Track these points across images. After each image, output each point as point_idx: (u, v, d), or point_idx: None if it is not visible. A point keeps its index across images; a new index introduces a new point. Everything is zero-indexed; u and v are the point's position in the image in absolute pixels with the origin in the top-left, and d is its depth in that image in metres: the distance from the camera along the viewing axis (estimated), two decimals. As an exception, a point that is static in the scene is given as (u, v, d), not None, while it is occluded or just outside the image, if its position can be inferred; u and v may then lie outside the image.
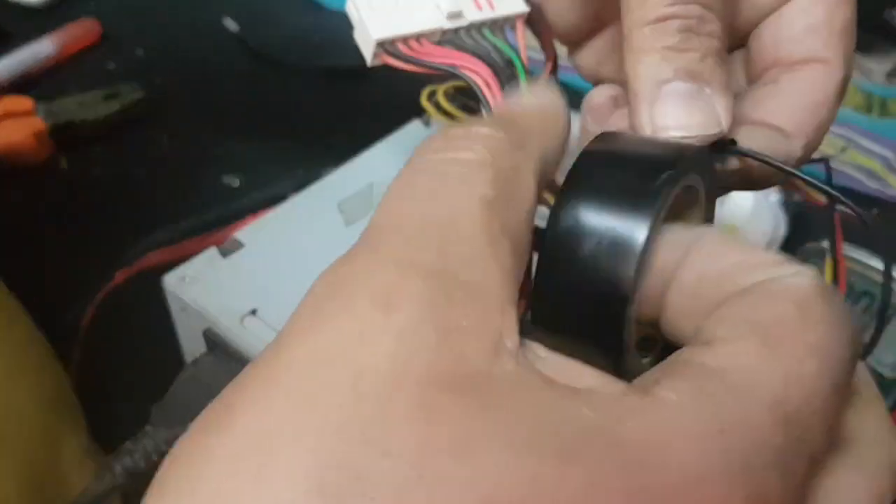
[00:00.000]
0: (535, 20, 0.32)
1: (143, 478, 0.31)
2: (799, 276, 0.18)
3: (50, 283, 0.48)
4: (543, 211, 0.30)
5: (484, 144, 0.19)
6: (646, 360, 0.21)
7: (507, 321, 0.17)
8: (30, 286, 0.41)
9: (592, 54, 0.32)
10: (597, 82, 0.32)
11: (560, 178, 0.22)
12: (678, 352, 0.18)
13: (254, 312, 0.32)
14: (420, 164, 0.20)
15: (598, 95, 0.30)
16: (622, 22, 0.25)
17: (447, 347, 0.16)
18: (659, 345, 0.21)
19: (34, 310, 0.41)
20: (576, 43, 0.32)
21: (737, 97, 0.25)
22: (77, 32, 0.68)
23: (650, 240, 0.19)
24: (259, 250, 0.34)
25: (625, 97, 0.27)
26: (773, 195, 0.51)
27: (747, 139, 0.25)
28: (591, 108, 0.30)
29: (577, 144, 0.24)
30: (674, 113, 0.23)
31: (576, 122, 0.56)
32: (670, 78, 0.23)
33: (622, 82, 0.26)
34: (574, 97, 0.69)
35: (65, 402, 0.39)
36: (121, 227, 0.53)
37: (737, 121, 0.24)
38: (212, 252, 0.34)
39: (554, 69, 0.33)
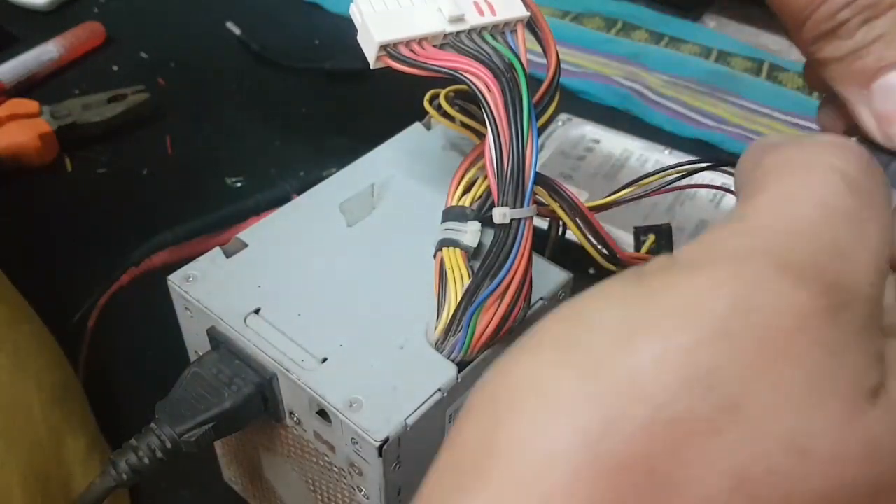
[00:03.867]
0: (536, 24, 0.32)
1: (147, 475, 0.32)
2: None
3: (56, 283, 0.49)
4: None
5: None
6: None
7: None
8: (36, 286, 0.42)
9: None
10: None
11: None
12: None
13: (257, 312, 0.32)
14: None
15: None
16: None
17: None
18: None
19: (40, 310, 0.41)
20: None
21: None
22: (82, 35, 0.68)
23: None
24: (262, 250, 0.34)
25: None
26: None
27: None
28: None
29: None
30: None
31: (580, 126, 0.56)
32: (875, 74, 0.22)
33: None
34: (575, 100, 0.69)
35: (72, 399, 0.39)
36: (125, 228, 0.53)
37: None
38: (216, 252, 0.34)
39: (556, 73, 0.33)
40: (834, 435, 0.15)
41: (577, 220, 0.32)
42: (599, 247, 0.32)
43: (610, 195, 0.33)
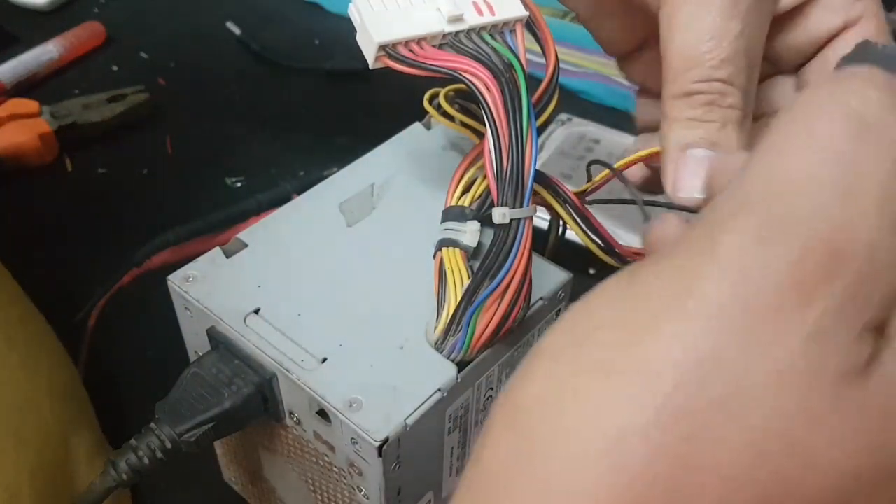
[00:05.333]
0: (535, 24, 0.32)
1: (147, 475, 0.32)
2: None
3: (56, 283, 0.49)
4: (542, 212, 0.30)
5: None
6: None
7: None
8: (36, 286, 0.42)
9: (640, 67, 0.35)
10: (643, 92, 0.36)
11: None
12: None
13: (257, 312, 0.32)
14: None
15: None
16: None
17: None
18: None
19: (41, 310, 0.41)
20: (624, 57, 0.35)
21: None
22: (82, 35, 0.68)
23: None
24: (262, 250, 0.34)
25: None
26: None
27: None
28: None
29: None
30: (690, 177, 0.26)
31: (580, 126, 0.56)
32: (692, 143, 0.27)
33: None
34: (575, 100, 0.69)
35: (76, 398, 0.39)
36: (125, 228, 0.53)
37: None
38: (216, 252, 0.34)
39: (555, 73, 0.33)
40: (825, 422, 0.15)
41: (576, 216, 0.32)
42: (598, 241, 0.32)
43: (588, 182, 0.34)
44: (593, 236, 0.32)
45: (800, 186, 0.16)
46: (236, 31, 0.70)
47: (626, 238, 0.41)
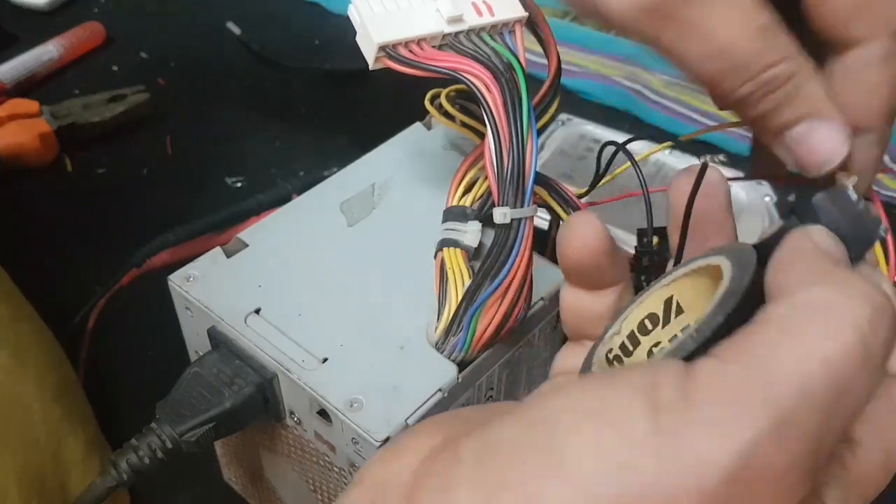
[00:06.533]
0: (537, 25, 0.32)
1: (147, 475, 0.32)
2: None
3: (56, 283, 0.49)
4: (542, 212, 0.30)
5: None
6: None
7: None
8: (36, 287, 0.42)
9: None
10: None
11: None
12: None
13: (257, 311, 0.32)
14: None
15: None
16: None
17: None
18: None
19: (40, 310, 0.41)
20: None
21: None
22: (82, 35, 0.68)
23: None
24: (263, 250, 0.34)
25: None
26: (767, 195, 0.52)
27: None
28: None
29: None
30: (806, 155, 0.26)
31: (580, 126, 0.56)
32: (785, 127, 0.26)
33: None
34: (575, 100, 0.69)
35: (72, 398, 0.39)
36: (125, 228, 0.53)
37: None
38: (216, 252, 0.34)
39: (557, 74, 0.33)
40: None
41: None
42: None
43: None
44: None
45: (804, 395, 0.17)
46: (236, 31, 0.70)
47: (626, 238, 0.41)
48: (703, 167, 0.26)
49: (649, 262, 0.30)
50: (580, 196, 0.34)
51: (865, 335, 0.18)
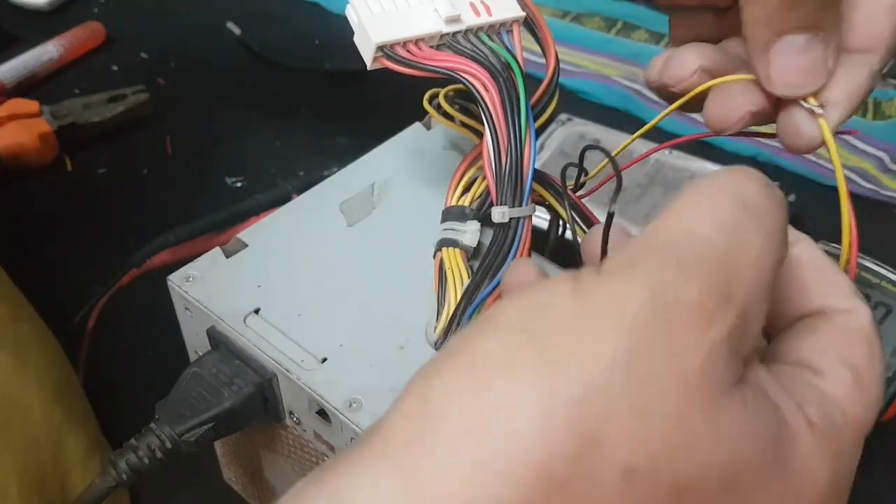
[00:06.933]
0: (535, 24, 0.32)
1: (147, 475, 0.32)
2: (864, 314, 0.22)
3: (56, 283, 0.49)
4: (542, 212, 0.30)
5: None
6: None
7: None
8: (36, 287, 0.42)
9: None
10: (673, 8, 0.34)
11: None
12: (797, 376, 0.22)
13: (257, 311, 0.32)
14: None
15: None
16: None
17: None
18: None
19: (40, 310, 0.41)
20: None
21: None
22: (82, 35, 0.68)
23: None
24: (262, 250, 0.35)
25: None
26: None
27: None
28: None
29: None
30: (787, 69, 0.26)
31: (580, 126, 0.56)
32: (790, 30, 0.26)
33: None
34: (575, 100, 0.69)
35: (72, 398, 0.39)
36: (125, 228, 0.53)
37: None
38: (216, 252, 0.34)
39: (555, 74, 0.33)
40: (711, 423, 0.18)
41: (575, 216, 0.32)
42: None
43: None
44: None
45: (698, 241, 0.19)
46: (236, 31, 0.70)
47: (633, 230, 0.41)
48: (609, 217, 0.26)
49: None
50: (573, 189, 0.34)
51: (737, 190, 0.20)
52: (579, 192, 0.34)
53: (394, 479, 0.17)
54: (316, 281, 0.33)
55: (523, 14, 0.31)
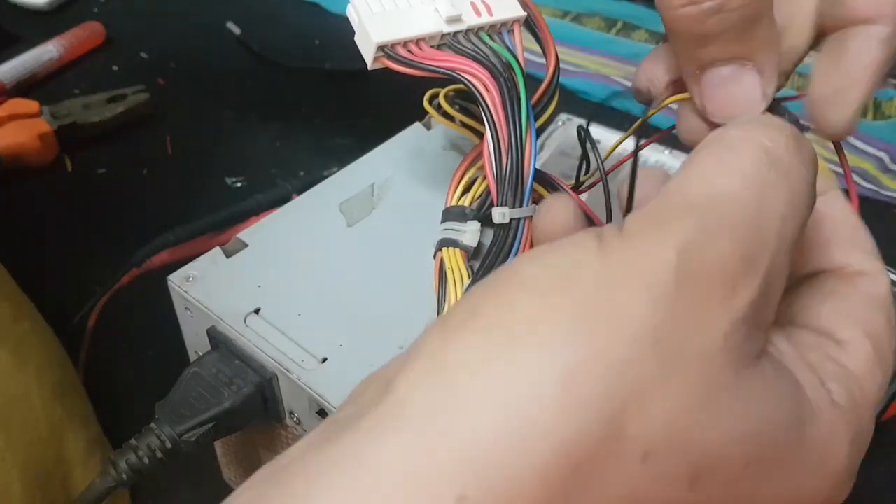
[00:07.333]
0: (535, 24, 0.32)
1: (147, 475, 0.32)
2: (884, 280, 0.22)
3: (56, 283, 0.49)
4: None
5: None
6: None
7: None
8: (36, 286, 0.42)
9: None
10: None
11: None
12: (819, 348, 0.21)
13: (257, 311, 0.32)
14: None
15: None
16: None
17: None
18: None
19: (40, 310, 0.41)
20: None
21: None
22: (82, 35, 0.68)
23: None
24: (262, 250, 0.35)
25: None
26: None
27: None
28: None
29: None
30: (718, 100, 0.25)
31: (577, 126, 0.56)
32: (712, 63, 0.25)
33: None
34: (575, 100, 0.69)
35: (73, 397, 0.39)
36: (125, 228, 0.53)
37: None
38: (216, 252, 0.34)
39: (555, 73, 0.33)
40: (735, 394, 0.18)
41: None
42: None
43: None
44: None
45: (724, 200, 0.19)
46: (236, 31, 0.70)
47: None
48: (637, 148, 0.25)
49: None
50: (574, 188, 0.34)
51: (763, 144, 0.20)
52: (579, 192, 0.34)
53: (416, 448, 0.17)
54: (316, 281, 0.33)
55: (524, 14, 0.31)
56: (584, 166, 0.33)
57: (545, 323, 0.17)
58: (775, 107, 0.25)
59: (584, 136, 0.31)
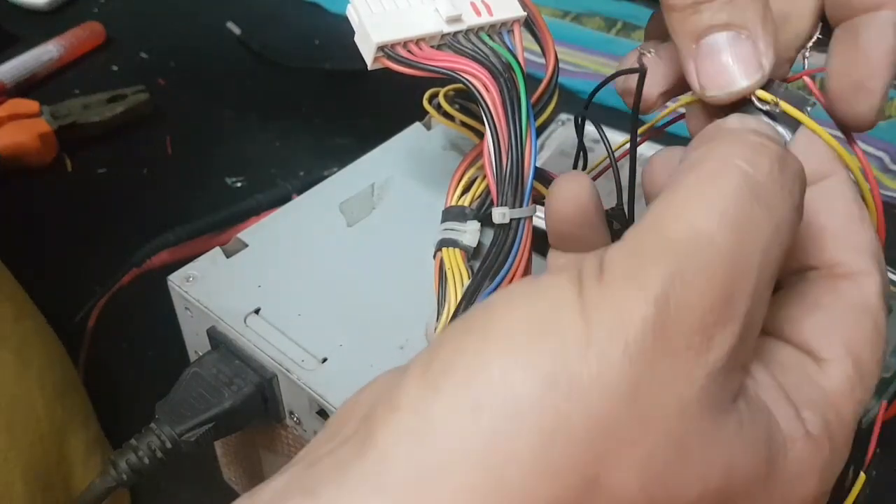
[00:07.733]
0: (534, 24, 0.32)
1: (147, 475, 0.32)
2: (873, 282, 0.22)
3: (56, 283, 0.49)
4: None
5: None
6: None
7: None
8: (36, 286, 0.42)
9: None
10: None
11: None
12: (798, 368, 0.21)
13: (257, 311, 0.32)
14: None
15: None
16: None
17: None
18: None
19: (40, 310, 0.41)
20: None
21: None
22: (82, 35, 0.68)
23: None
24: (262, 250, 0.35)
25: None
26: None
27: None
28: None
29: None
30: (715, 70, 0.25)
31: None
32: (707, 31, 0.25)
33: None
34: (575, 100, 0.69)
35: (73, 396, 0.39)
36: (125, 228, 0.53)
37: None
38: (216, 252, 0.34)
39: (554, 73, 0.33)
40: (711, 442, 0.18)
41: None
42: None
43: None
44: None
45: (701, 244, 0.18)
46: (236, 31, 0.70)
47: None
48: (642, 70, 0.25)
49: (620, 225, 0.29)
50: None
51: (746, 172, 0.19)
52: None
53: None
54: (316, 281, 0.33)
55: (524, 14, 0.31)
56: (582, 159, 0.33)
57: (521, 384, 0.17)
58: (770, 85, 0.25)
59: (579, 125, 0.31)
